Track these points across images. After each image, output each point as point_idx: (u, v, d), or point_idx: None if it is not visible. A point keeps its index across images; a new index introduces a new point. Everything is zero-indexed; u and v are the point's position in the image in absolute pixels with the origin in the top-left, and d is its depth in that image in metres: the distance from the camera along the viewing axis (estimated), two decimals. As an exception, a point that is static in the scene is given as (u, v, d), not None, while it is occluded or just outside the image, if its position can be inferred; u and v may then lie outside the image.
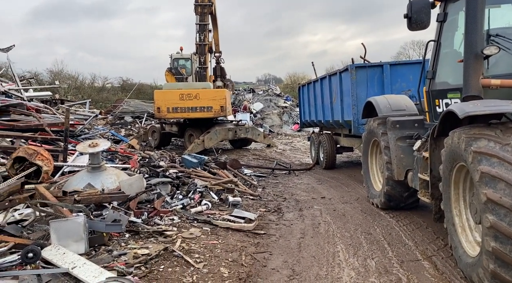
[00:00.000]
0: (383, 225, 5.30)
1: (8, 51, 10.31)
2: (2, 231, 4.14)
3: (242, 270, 3.73)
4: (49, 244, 3.80)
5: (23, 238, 3.95)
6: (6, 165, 6.07)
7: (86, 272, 3.30)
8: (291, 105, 32.79)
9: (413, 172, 5.27)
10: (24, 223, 4.38)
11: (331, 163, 11.10)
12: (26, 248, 3.43)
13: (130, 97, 29.56)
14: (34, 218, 4.42)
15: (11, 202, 4.49)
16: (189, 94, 13.72)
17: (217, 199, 6.37)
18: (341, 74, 9.10)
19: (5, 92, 9.34)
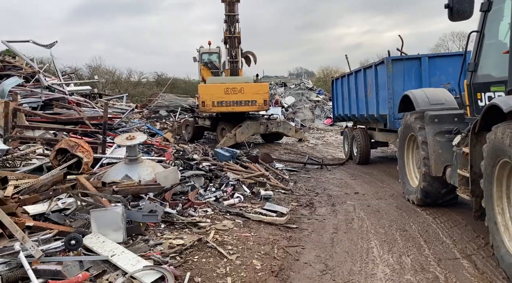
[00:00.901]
0: (419, 222, 5.16)
1: (51, 47, 10.78)
2: (47, 218, 4.36)
3: (275, 263, 3.75)
4: (89, 232, 3.96)
5: (66, 226, 4.14)
6: (50, 156, 6.36)
7: (124, 260, 3.42)
8: (323, 99, 32.34)
9: (452, 168, 5.08)
10: (67, 212, 4.58)
11: (365, 158, 10.90)
12: (69, 235, 3.59)
13: (165, 91, 30.13)
14: (76, 207, 4.62)
15: (54, 192, 4.72)
16: (234, 88, 13.89)
17: (249, 193, 6.41)
18: (376, 67, 8.88)
19: (48, 86, 9.79)
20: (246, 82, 14.58)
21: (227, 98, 13.84)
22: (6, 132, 6.80)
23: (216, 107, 13.93)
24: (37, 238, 3.62)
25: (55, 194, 4.75)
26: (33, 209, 4.44)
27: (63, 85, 10.54)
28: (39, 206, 4.55)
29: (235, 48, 15.92)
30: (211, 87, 14.10)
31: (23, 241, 3.40)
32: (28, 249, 3.31)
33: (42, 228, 3.96)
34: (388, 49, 9.61)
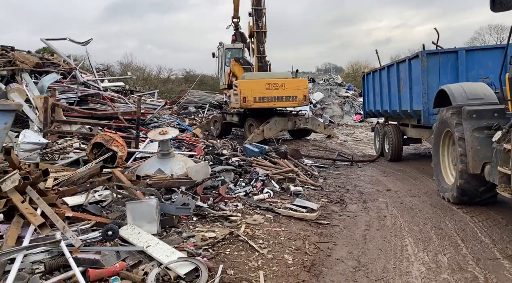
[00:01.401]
0: (456, 220, 5.00)
1: (87, 44, 11.13)
2: (84, 210, 4.52)
3: (306, 258, 3.73)
4: (125, 224, 4.07)
5: (103, 217, 4.27)
6: (86, 150, 6.57)
7: (159, 251, 3.50)
8: (353, 95, 31.82)
9: (491, 165, 4.89)
10: (103, 204, 4.73)
11: (397, 155, 10.66)
12: (106, 226, 3.71)
13: (193, 88, 30.50)
14: (112, 199, 4.76)
15: (92, 184, 4.87)
16: (275, 84, 13.77)
17: (279, 188, 6.41)
18: (410, 61, 8.64)
19: (84, 82, 10.12)
20: (285, 77, 14.44)
21: (269, 94, 13.70)
22: (45, 126, 7.08)
23: (257, 103, 13.78)
24: (76, 228, 3.76)
25: (92, 187, 4.90)
26: (72, 200, 4.61)
27: (97, 81, 10.87)
28: (77, 198, 4.72)
29: (263, 43, 15.76)
30: (252, 82, 13.84)
31: (63, 230, 3.54)
32: (68, 238, 3.44)
33: (80, 218, 4.11)
34: (419, 43, 9.36)
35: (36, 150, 6.31)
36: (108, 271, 3.12)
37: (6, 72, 8.38)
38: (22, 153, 6.24)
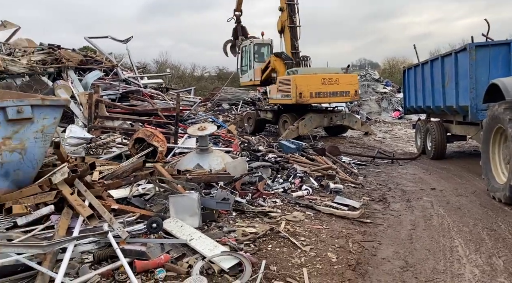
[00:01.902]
0: (509, 221, 4.71)
1: (127, 42, 11.43)
2: (128, 202, 4.62)
3: (351, 257, 3.63)
4: (168, 217, 4.12)
5: (147, 210, 4.35)
6: (128, 145, 6.74)
7: (202, 244, 3.51)
8: (391, 91, 30.92)
9: (550, 164, 4.57)
10: (146, 197, 4.82)
11: (440, 153, 10.23)
12: (150, 219, 3.77)
13: (227, 85, 30.70)
14: (155, 192, 4.85)
15: (135, 178, 4.97)
16: (330, 79, 13.69)
17: (317, 185, 6.30)
18: (457, 55, 8.24)
19: (125, 79, 10.41)
20: (336, 72, 14.30)
21: (324, 89, 13.58)
22: (89, 122, 7.31)
23: (314, 98, 13.65)
24: (122, 220, 3.84)
25: (136, 180, 5.00)
26: (117, 193, 4.72)
27: (137, 78, 11.14)
28: (121, 191, 4.83)
29: (297, 39, 15.52)
30: (308, 78, 13.63)
31: (110, 222, 3.63)
32: (115, 230, 3.52)
33: (125, 211, 4.19)
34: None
35: (81, 145, 6.53)
36: (154, 263, 3.17)
37: (53, 70, 8.77)
38: (68, 147, 6.48)
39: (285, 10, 15.05)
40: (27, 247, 2.96)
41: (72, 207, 3.86)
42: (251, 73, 16.78)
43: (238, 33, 17.04)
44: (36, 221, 3.76)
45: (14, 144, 4.28)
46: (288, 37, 15.28)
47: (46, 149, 4.64)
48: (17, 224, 3.68)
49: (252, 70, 16.53)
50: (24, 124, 4.32)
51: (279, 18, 15.33)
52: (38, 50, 9.71)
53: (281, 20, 15.26)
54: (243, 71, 17.44)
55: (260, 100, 27.13)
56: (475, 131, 8.98)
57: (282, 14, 15.19)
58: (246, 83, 17.79)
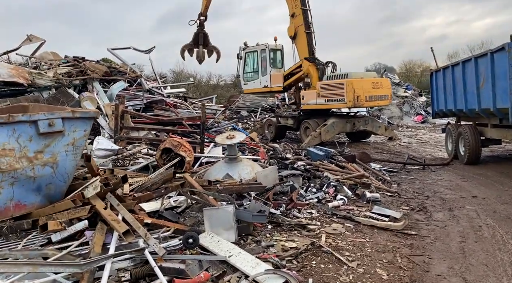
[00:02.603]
0: None
1: (150, 52, 11.47)
2: (160, 216, 4.47)
3: (403, 274, 3.36)
4: (202, 231, 3.94)
5: (180, 223, 4.18)
6: (156, 156, 6.63)
7: (242, 261, 3.31)
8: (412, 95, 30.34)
9: None
10: (178, 210, 4.66)
11: (475, 158, 9.79)
12: (186, 234, 3.59)
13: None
14: (187, 205, 4.68)
15: (166, 190, 4.83)
16: (377, 83, 13.98)
17: (352, 194, 6.03)
18: (493, 55, 7.86)
19: (149, 89, 10.39)
20: (374, 76, 14.86)
21: (374, 93, 13.76)
22: (116, 133, 7.25)
23: (367, 102, 13.86)
24: (157, 235, 3.68)
25: (166, 192, 4.86)
26: (148, 206, 4.58)
27: (161, 88, 11.11)
28: (152, 204, 4.69)
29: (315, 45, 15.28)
30: (362, 81, 13.72)
31: (146, 238, 3.46)
32: (151, 246, 3.36)
33: (159, 225, 4.04)
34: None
35: (109, 157, 6.45)
36: (194, 282, 2.98)
37: (78, 82, 8.79)
38: (96, 159, 6.41)
39: (299, 16, 14.77)
40: (65, 266, 2.82)
41: (106, 222, 3.73)
42: (266, 79, 16.15)
43: (199, 40, 14.34)
44: (70, 237, 3.64)
45: (46, 158, 4.20)
46: (303, 42, 14.95)
47: (77, 162, 4.55)
48: (51, 241, 3.57)
49: (268, 76, 15.95)
50: (56, 137, 4.24)
51: (292, 24, 14.92)
52: (63, 63, 9.79)
53: (295, 25, 14.88)
54: (248, 78, 16.62)
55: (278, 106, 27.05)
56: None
57: (295, 20, 14.72)
58: (256, 90, 16.90)
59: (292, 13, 14.81)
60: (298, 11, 14.81)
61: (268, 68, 15.89)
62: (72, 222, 3.76)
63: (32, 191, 4.19)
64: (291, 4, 14.83)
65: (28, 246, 3.52)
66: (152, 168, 6.80)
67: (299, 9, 14.79)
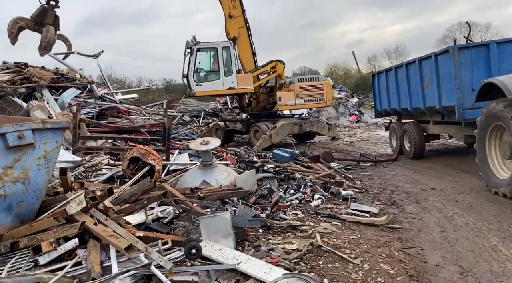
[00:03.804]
0: (528, 216, 4.85)
1: (98, 57, 10.80)
2: (149, 228, 4.24)
3: (406, 267, 3.51)
4: (200, 240, 3.80)
5: (174, 235, 3.99)
6: (123, 166, 6.27)
7: (254, 267, 3.24)
8: (346, 96, 32.03)
9: (561, 157, 4.76)
10: (165, 220, 4.45)
11: (420, 153, 10.57)
12: (189, 244, 3.43)
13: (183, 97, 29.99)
14: (174, 215, 4.49)
15: (148, 201, 4.58)
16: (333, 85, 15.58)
17: (327, 193, 6.19)
18: (437, 57, 8.55)
19: (101, 96, 9.79)
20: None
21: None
22: (74, 143, 6.75)
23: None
24: (158, 248, 3.48)
25: (149, 203, 4.61)
26: (133, 219, 4.32)
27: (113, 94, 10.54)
28: (136, 216, 4.44)
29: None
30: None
31: (147, 252, 3.26)
32: (155, 260, 3.17)
33: (151, 238, 3.81)
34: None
35: (72, 169, 5.99)
36: (213, 295, 2.86)
37: (24, 89, 7.99)
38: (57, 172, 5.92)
39: (240, 17, 14.65)
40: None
41: (98, 238, 3.46)
42: (231, 80, 14.93)
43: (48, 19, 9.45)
44: (58, 258, 3.32)
45: (16, 174, 3.78)
46: (246, 44, 14.99)
47: (49, 177, 4.16)
48: (38, 264, 3.22)
49: (234, 76, 14.68)
50: (26, 151, 3.84)
51: (232, 25, 14.57)
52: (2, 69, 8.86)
53: (237, 26, 14.65)
54: (202, 78, 14.64)
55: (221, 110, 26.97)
56: (454, 129, 9.34)
57: (236, 21, 14.57)
58: (216, 92, 15.32)
59: (232, 14, 14.54)
60: (238, 13, 14.62)
61: (233, 68, 14.76)
62: (59, 242, 3.42)
63: (2, 211, 3.75)
64: (227, 4, 14.45)
65: (12, 271, 3.14)
66: (117, 179, 6.44)
67: (239, 10, 14.69)
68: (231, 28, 14.71)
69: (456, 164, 9.27)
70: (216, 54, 14.50)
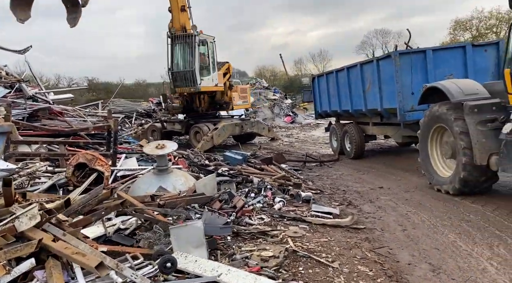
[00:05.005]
0: (473, 211, 5.24)
1: (25, 52, 9.72)
2: (109, 241, 3.87)
3: (382, 267, 3.58)
4: (171, 252, 3.55)
5: (144, 247, 3.68)
6: (67, 173, 5.71)
7: (238, 279, 3.07)
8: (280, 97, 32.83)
9: (500, 156, 5.21)
10: (125, 232, 4.10)
11: (360, 153, 11.06)
12: (163, 257, 3.17)
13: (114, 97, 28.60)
14: (136, 226, 4.15)
15: (106, 211, 4.19)
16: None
17: (288, 195, 6.18)
18: (379, 62, 8.99)
19: (32, 96, 8.81)
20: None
21: None
22: (6, 149, 6.00)
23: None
24: (130, 264, 3.16)
25: (106, 214, 4.22)
26: (91, 232, 3.91)
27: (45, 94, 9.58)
28: (94, 228, 4.03)
29: None
30: None
31: (118, 269, 2.95)
32: (129, 277, 2.88)
33: (117, 252, 3.48)
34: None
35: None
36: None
37: None
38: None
39: (185, 11, 13.98)
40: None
41: (57, 256, 3.07)
42: (215, 75, 14.43)
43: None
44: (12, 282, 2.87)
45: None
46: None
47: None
48: (-12, 293, 2.76)
49: (216, 73, 14.39)
50: (-38, 158, 3.31)
51: (178, 20, 13.82)
52: None
53: (183, 21, 13.89)
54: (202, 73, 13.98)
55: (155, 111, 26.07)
56: (392, 130, 9.91)
57: (181, 15, 13.83)
58: (211, 88, 14.65)
59: (184, 7, 13.96)
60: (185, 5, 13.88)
61: (215, 64, 14.42)
62: (10, 263, 2.97)
63: None
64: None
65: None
66: (59, 187, 5.85)
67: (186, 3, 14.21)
68: (185, 21, 14.03)
69: (394, 163, 9.83)
70: (207, 48, 14.10)
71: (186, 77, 13.74)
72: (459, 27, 43.57)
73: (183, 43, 13.80)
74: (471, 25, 42.93)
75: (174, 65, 14.06)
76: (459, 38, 42.55)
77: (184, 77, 13.76)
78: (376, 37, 53.86)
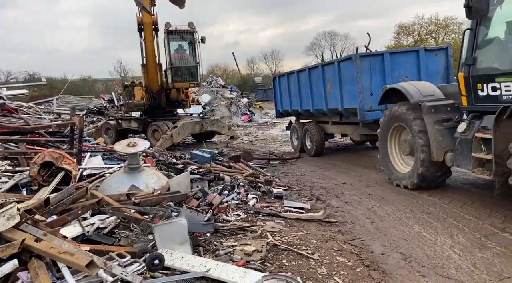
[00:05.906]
0: (432, 204, 5.66)
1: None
2: (87, 240, 3.79)
3: (359, 258, 3.80)
4: (155, 250, 3.55)
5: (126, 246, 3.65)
6: (32, 172, 5.47)
7: (227, 273, 3.15)
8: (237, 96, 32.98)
9: (454, 153, 5.66)
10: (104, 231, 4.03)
11: (320, 150, 11.44)
12: (151, 255, 3.19)
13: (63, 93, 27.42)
14: (114, 224, 4.09)
15: (82, 210, 4.09)
16: None
17: (259, 192, 6.32)
18: (340, 64, 9.36)
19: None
20: None
21: None
22: (-39, 146, 5.64)
23: None
24: (118, 262, 3.13)
25: (83, 213, 4.12)
26: (68, 232, 3.81)
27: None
28: (71, 228, 3.93)
29: None
30: None
31: (107, 267, 2.93)
32: (119, 275, 2.87)
33: (100, 251, 3.43)
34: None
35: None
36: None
37: None
38: None
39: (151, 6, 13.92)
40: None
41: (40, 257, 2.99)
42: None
43: None
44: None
45: None
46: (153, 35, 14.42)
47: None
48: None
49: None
50: None
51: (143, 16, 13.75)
52: None
53: (151, 17, 13.82)
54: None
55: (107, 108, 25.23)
56: (350, 129, 10.37)
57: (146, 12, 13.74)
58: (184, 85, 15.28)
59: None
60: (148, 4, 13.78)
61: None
62: (-10, 267, 2.85)
63: None
64: None
65: None
66: (22, 187, 5.60)
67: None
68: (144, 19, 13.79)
69: (352, 160, 10.30)
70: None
71: (191, 72, 14.54)
72: (402, 31, 46.14)
73: (180, 38, 14.43)
74: (414, 30, 45.65)
75: (174, 60, 14.44)
76: (402, 42, 45.16)
77: (187, 72, 14.42)
78: (325, 39, 56.05)
